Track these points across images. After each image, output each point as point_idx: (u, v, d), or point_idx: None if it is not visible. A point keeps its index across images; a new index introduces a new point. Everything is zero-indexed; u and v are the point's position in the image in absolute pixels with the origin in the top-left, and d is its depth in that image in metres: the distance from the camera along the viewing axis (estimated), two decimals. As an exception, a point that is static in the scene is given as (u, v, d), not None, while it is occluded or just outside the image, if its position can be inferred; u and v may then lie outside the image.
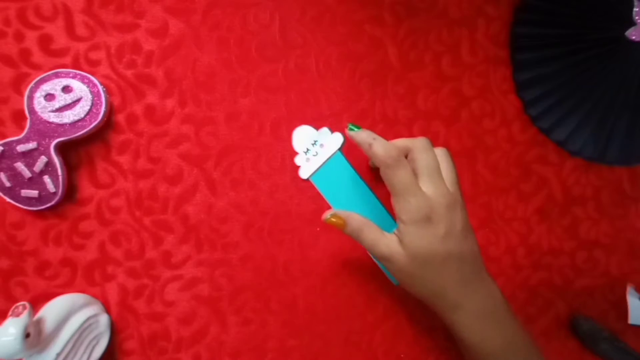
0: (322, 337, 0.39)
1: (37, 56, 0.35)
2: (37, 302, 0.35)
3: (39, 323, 0.31)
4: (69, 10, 0.35)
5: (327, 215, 0.33)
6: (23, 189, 0.34)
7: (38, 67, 0.35)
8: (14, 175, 0.34)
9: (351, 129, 0.32)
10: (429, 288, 0.32)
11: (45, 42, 0.35)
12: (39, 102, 0.33)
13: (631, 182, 0.44)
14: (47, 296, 0.35)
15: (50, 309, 0.33)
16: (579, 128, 0.41)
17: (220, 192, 0.38)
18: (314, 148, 0.39)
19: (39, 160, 0.34)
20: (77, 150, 0.36)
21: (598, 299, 0.44)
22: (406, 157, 0.32)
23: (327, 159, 0.39)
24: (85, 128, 0.34)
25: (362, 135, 0.31)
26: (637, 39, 0.35)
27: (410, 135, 0.40)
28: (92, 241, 0.37)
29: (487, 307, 0.32)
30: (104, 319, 0.35)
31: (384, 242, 0.32)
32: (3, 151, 0.33)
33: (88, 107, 0.34)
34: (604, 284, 0.44)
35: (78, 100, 0.34)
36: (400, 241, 0.31)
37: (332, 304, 0.40)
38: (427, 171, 0.31)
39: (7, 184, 0.34)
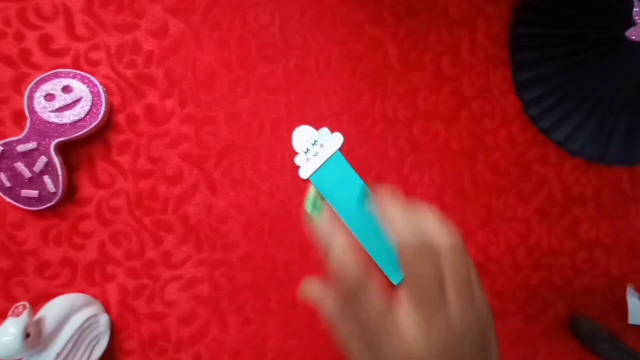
0: (322, 337, 0.39)
1: (37, 56, 0.35)
2: (37, 302, 0.35)
3: (39, 323, 0.31)
4: (69, 10, 0.35)
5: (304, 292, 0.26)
6: (23, 189, 0.34)
7: (38, 67, 0.35)
8: (14, 175, 0.34)
9: (311, 210, 0.24)
10: None
11: (45, 42, 0.35)
12: (39, 102, 0.33)
13: (631, 182, 0.44)
14: (47, 296, 0.35)
15: (50, 309, 0.33)
16: (579, 128, 0.41)
17: (220, 192, 0.38)
18: (314, 148, 0.39)
19: (39, 160, 0.34)
20: (77, 150, 0.36)
21: (598, 299, 0.44)
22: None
23: (327, 159, 0.39)
24: (85, 128, 0.34)
25: (321, 230, 0.22)
26: (637, 39, 0.35)
27: (410, 135, 0.40)
28: (92, 241, 0.37)
29: None
30: (104, 319, 0.35)
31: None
32: (3, 151, 0.33)
33: (88, 107, 0.34)
34: (604, 284, 0.44)
35: (78, 100, 0.34)
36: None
37: (332, 304, 0.39)
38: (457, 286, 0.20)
39: (7, 184, 0.34)
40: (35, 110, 0.33)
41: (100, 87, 0.34)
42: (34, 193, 0.34)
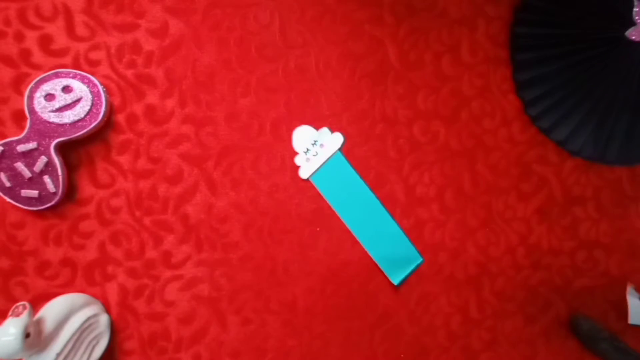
0: (322, 337, 0.39)
1: (37, 56, 0.35)
2: (37, 302, 0.35)
3: (39, 323, 0.31)
4: (69, 10, 0.35)
5: None
6: (23, 189, 0.34)
7: (38, 67, 0.35)
8: (14, 175, 0.34)
9: None
10: None
11: (45, 42, 0.35)
12: (39, 102, 0.33)
13: (631, 182, 0.44)
14: (47, 296, 0.35)
15: (50, 309, 0.33)
16: (579, 128, 0.41)
17: (220, 192, 0.38)
18: (314, 148, 0.39)
19: (39, 160, 0.34)
20: (77, 150, 0.36)
21: (598, 299, 0.44)
22: None
23: (327, 159, 0.39)
24: (85, 128, 0.34)
25: None
26: (637, 39, 0.35)
27: (410, 135, 0.40)
28: (92, 241, 0.37)
29: None
30: (104, 319, 0.35)
31: None
32: (3, 151, 0.33)
33: (88, 107, 0.34)
34: (604, 284, 0.44)
35: (78, 100, 0.34)
36: None
37: (332, 304, 0.40)
38: None
39: (7, 184, 0.34)
40: (35, 110, 0.33)
41: (100, 87, 0.34)
42: (34, 193, 0.34)
